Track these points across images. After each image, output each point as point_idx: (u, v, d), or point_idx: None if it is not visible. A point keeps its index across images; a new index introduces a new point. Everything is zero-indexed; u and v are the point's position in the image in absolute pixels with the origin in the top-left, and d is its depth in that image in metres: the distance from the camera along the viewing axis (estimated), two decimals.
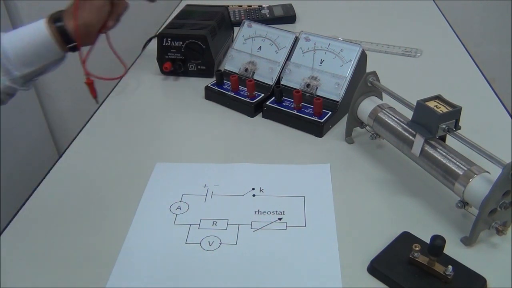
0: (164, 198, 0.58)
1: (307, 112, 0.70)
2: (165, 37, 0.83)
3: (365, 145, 0.67)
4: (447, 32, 1.04)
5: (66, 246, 0.52)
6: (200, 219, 0.55)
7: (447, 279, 0.45)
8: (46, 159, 1.30)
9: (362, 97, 0.64)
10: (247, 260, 0.49)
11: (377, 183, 0.60)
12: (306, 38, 0.74)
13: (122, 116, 0.76)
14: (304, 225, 0.53)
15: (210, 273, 0.48)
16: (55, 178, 0.63)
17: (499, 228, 0.49)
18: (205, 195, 0.58)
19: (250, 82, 0.74)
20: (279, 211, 0.55)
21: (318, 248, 0.50)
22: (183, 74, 0.86)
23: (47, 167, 0.65)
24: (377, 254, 0.49)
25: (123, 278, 0.48)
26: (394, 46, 0.95)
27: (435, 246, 0.45)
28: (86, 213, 0.57)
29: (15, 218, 0.56)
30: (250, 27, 0.80)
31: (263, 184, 0.60)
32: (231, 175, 0.62)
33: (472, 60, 0.90)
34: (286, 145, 0.68)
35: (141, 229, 0.54)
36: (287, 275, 0.47)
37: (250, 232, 0.53)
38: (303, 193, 0.58)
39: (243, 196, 0.58)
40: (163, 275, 0.48)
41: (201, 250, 0.51)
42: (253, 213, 0.55)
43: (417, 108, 0.55)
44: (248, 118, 0.74)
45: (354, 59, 0.70)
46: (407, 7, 1.18)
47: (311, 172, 0.62)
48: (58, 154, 0.74)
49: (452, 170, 0.52)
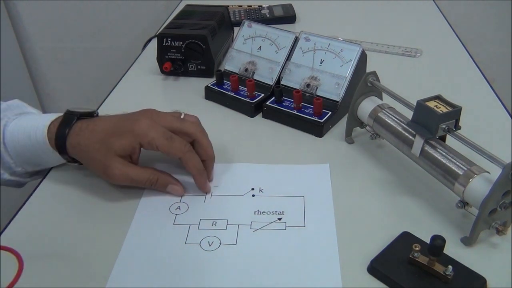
0: (163, 198, 0.58)
1: (307, 112, 0.70)
2: (165, 37, 0.83)
3: (365, 145, 0.67)
4: (447, 32, 1.04)
5: (65, 246, 0.52)
6: (199, 219, 0.55)
7: (447, 279, 0.45)
8: None
9: (362, 97, 0.64)
10: (246, 260, 0.49)
11: (377, 183, 0.60)
12: (306, 38, 0.74)
13: None
14: (304, 225, 0.53)
15: (210, 273, 0.48)
16: (55, 178, 0.63)
17: (499, 228, 0.49)
18: (204, 195, 0.58)
19: (250, 82, 0.74)
20: (279, 211, 0.55)
21: (317, 248, 0.50)
22: (183, 74, 0.86)
23: None
24: (377, 254, 0.49)
25: (122, 278, 0.48)
26: (394, 46, 0.95)
27: (435, 246, 0.45)
28: (85, 213, 0.56)
29: (15, 218, 0.56)
30: (250, 27, 0.80)
31: (262, 184, 0.60)
32: (230, 175, 0.62)
33: (472, 60, 0.90)
34: (286, 145, 0.68)
35: (140, 229, 0.53)
36: (287, 275, 0.47)
37: (250, 232, 0.53)
38: (303, 193, 0.58)
39: (243, 196, 0.58)
40: (162, 275, 0.48)
41: (201, 250, 0.50)
42: (252, 213, 0.55)
43: (417, 108, 0.55)
44: (248, 118, 0.74)
45: (354, 59, 0.70)
46: (407, 7, 1.18)
47: (311, 172, 0.61)
48: None
49: (452, 170, 0.52)
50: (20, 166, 0.61)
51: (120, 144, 0.54)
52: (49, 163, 0.61)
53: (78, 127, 0.57)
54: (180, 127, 0.57)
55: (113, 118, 0.58)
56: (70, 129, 0.56)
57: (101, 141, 0.55)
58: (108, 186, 0.60)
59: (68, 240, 0.53)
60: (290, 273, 0.48)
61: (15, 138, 0.58)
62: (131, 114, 0.58)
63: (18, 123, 0.60)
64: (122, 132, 0.55)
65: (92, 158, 0.56)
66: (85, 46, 1.57)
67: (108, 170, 0.55)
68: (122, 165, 0.55)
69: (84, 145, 0.56)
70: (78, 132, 0.56)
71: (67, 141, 0.56)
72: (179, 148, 0.55)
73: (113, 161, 0.54)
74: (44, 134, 0.57)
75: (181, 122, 0.58)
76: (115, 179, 0.55)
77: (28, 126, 0.58)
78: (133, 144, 0.55)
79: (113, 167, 0.54)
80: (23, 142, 0.58)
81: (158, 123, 0.56)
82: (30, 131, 0.58)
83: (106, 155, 0.55)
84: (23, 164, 0.61)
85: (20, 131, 0.58)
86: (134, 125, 0.55)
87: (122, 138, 0.54)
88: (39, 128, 0.58)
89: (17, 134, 0.58)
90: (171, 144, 0.55)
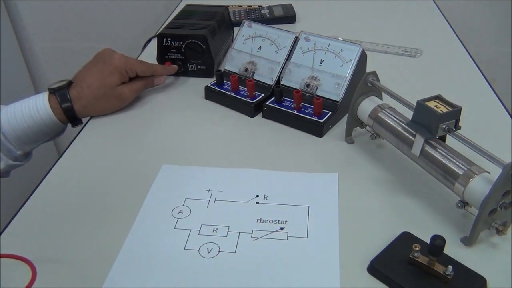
0: (167, 202, 0.57)
1: (307, 112, 0.70)
2: (165, 37, 0.83)
3: (365, 145, 0.67)
4: (447, 32, 1.04)
5: (65, 247, 0.52)
6: (201, 224, 0.54)
7: (447, 279, 0.45)
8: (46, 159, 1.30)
9: (362, 97, 0.64)
10: (244, 269, 0.48)
11: (377, 183, 0.60)
12: (306, 38, 0.74)
13: (122, 116, 0.76)
14: (306, 236, 0.52)
15: (206, 281, 0.47)
16: (55, 178, 0.63)
17: (499, 228, 0.49)
18: (208, 200, 0.57)
19: (250, 82, 0.74)
20: (282, 220, 0.54)
21: (318, 260, 0.49)
22: (183, 74, 0.86)
23: (47, 167, 0.65)
24: (377, 254, 0.49)
25: (119, 280, 0.47)
26: (394, 46, 0.95)
27: (435, 246, 0.45)
28: (86, 213, 0.56)
29: (15, 218, 0.56)
30: (250, 27, 0.80)
31: (268, 191, 0.58)
32: (236, 180, 0.60)
33: (472, 60, 0.90)
34: (286, 145, 0.68)
35: (141, 232, 0.53)
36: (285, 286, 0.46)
37: (250, 240, 0.52)
38: (308, 203, 0.56)
39: (247, 203, 0.57)
40: (158, 280, 0.47)
41: (199, 257, 0.50)
42: (255, 221, 0.54)
43: (417, 108, 0.55)
44: (248, 118, 0.74)
45: (354, 59, 0.70)
46: (407, 7, 1.18)
47: (319, 180, 0.60)
48: (58, 154, 0.74)
49: (452, 170, 0.52)
50: (20, 149, 0.69)
51: (114, 79, 0.72)
52: (50, 135, 0.71)
53: (73, 94, 0.70)
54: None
55: (91, 71, 0.72)
56: (71, 99, 0.70)
57: (101, 88, 0.71)
58: (108, 186, 0.60)
59: (68, 241, 0.53)
60: (288, 284, 0.47)
61: (13, 123, 0.66)
62: (98, 58, 0.74)
63: (8, 111, 0.67)
64: (109, 72, 0.72)
65: (106, 101, 0.73)
66: (85, 46, 1.57)
67: (122, 96, 0.74)
68: (126, 88, 0.75)
69: (93, 100, 0.71)
70: (78, 96, 0.70)
71: (75, 108, 0.70)
72: (147, 65, 0.77)
73: (120, 90, 0.74)
74: (49, 111, 0.68)
75: None
76: (129, 98, 0.75)
77: (25, 109, 0.67)
78: (122, 72, 0.73)
79: (123, 93, 0.74)
80: (25, 124, 0.67)
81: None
82: (30, 113, 0.67)
83: (113, 91, 0.73)
84: (22, 146, 0.69)
85: (17, 116, 0.67)
86: (113, 62, 0.72)
87: (113, 75, 0.72)
88: (40, 108, 0.68)
89: (14, 119, 0.66)
90: (142, 63, 0.76)
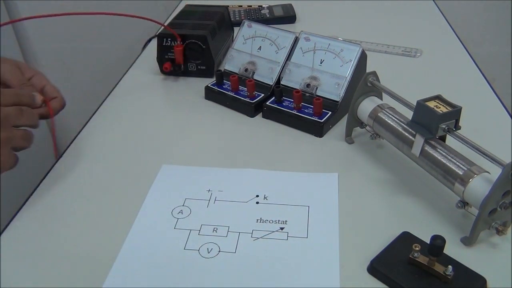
0: (167, 202, 0.57)
1: (307, 112, 0.70)
2: (165, 37, 0.83)
3: (365, 145, 0.67)
4: (447, 32, 1.04)
5: (65, 247, 0.52)
6: (201, 224, 0.54)
7: (447, 279, 0.45)
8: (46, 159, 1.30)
9: (362, 97, 0.64)
10: (244, 269, 0.48)
11: (377, 183, 0.60)
12: (306, 38, 0.74)
13: (122, 116, 0.76)
14: (306, 236, 0.52)
15: (206, 281, 0.47)
16: (55, 178, 0.63)
17: (499, 228, 0.49)
18: (208, 200, 0.57)
19: (250, 82, 0.74)
20: (282, 220, 0.54)
21: (318, 260, 0.49)
22: (183, 74, 0.86)
23: (47, 167, 0.65)
24: (377, 254, 0.49)
25: (119, 280, 0.47)
26: (394, 46, 0.95)
27: (435, 246, 0.45)
28: (86, 213, 0.57)
29: (15, 218, 0.56)
30: (250, 27, 0.80)
31: (268, 191, 0.58)
32: (236, 180, 0.60)
33: (472, 60, 0.90)
34: (286, 145, 0.68)
35: (141, 232, 0.53)
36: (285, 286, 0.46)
37: (250, 240, 0.52)
38: (308, 203, 0.56)
39: (247, 203, 0.57)
40: (158, 280, 0.47)
41: (199, 257, 0.50)
42: (255, 221, 0.54)
43: (417, 108, 0.55)
44: (248, 118, 0.74)
45: (354, 59, 0.70)
46: (407, 7, 1.18)
47: (319, 180, 0.60)
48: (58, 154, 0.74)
49: (452, 170, 0.52)
50: None
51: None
52: None
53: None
54: None
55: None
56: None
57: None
58: (108, 187, 0.60)
59: (68, 241, 0.53)
60: (287, 285, 0.47)
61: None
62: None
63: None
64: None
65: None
66: (85, 46, 1.56)
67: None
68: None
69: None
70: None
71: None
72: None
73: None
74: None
75: None
76: None
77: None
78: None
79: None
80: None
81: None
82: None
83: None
84: None
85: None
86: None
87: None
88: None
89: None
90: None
